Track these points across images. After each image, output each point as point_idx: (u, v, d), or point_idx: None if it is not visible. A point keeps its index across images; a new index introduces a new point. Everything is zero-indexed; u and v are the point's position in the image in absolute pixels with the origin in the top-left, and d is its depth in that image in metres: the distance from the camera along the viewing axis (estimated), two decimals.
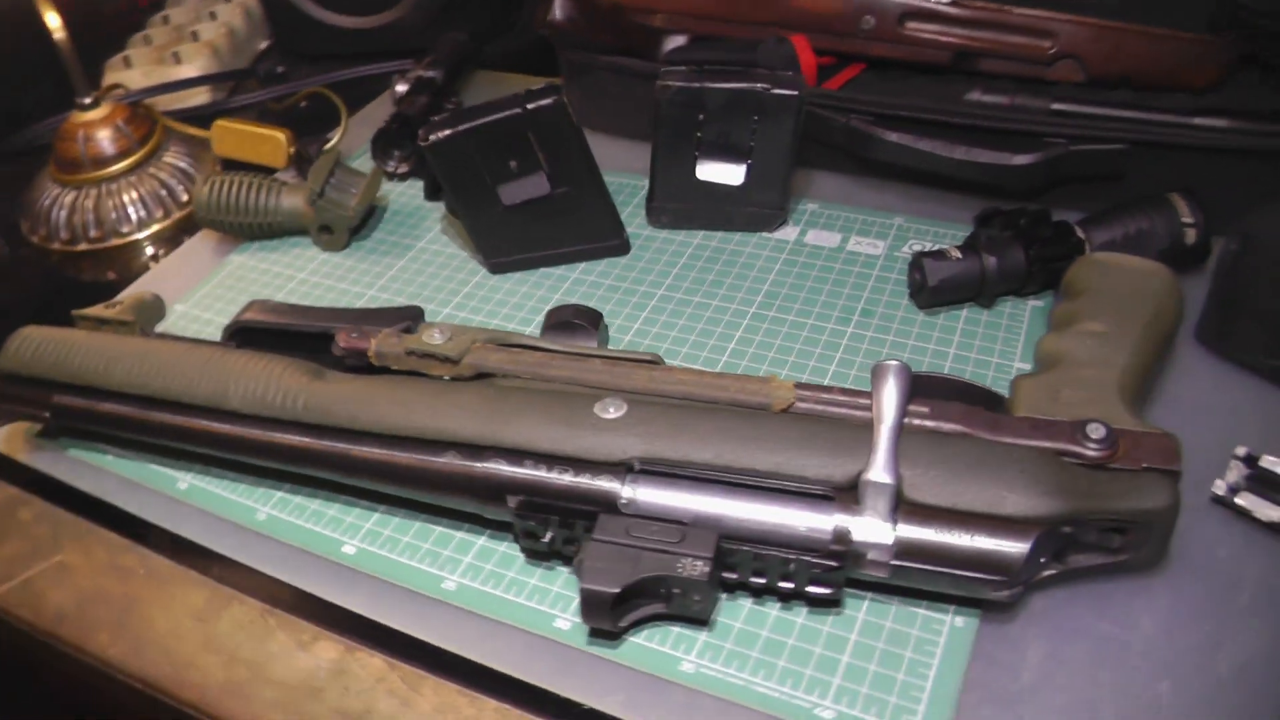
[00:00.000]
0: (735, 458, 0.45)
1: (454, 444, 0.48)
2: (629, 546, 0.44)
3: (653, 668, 0.44)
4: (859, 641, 0.44)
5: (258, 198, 0.69)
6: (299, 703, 0.46)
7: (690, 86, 0.62)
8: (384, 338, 0.53)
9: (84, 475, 0.57)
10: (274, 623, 0.50)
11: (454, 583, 0.49)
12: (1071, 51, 0.69)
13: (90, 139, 0.73)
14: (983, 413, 0.47)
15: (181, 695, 0.47)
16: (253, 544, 0.52)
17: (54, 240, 0.75)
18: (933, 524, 0.43)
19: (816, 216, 0.69)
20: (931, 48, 0.72)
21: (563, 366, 0.51)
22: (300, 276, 0.69)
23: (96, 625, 0.51)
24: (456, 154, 0.62)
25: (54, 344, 0.56)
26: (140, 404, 0.54)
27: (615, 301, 0.64)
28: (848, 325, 0.60)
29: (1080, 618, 0.45)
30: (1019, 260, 0.58)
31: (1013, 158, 0.62)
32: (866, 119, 0.67)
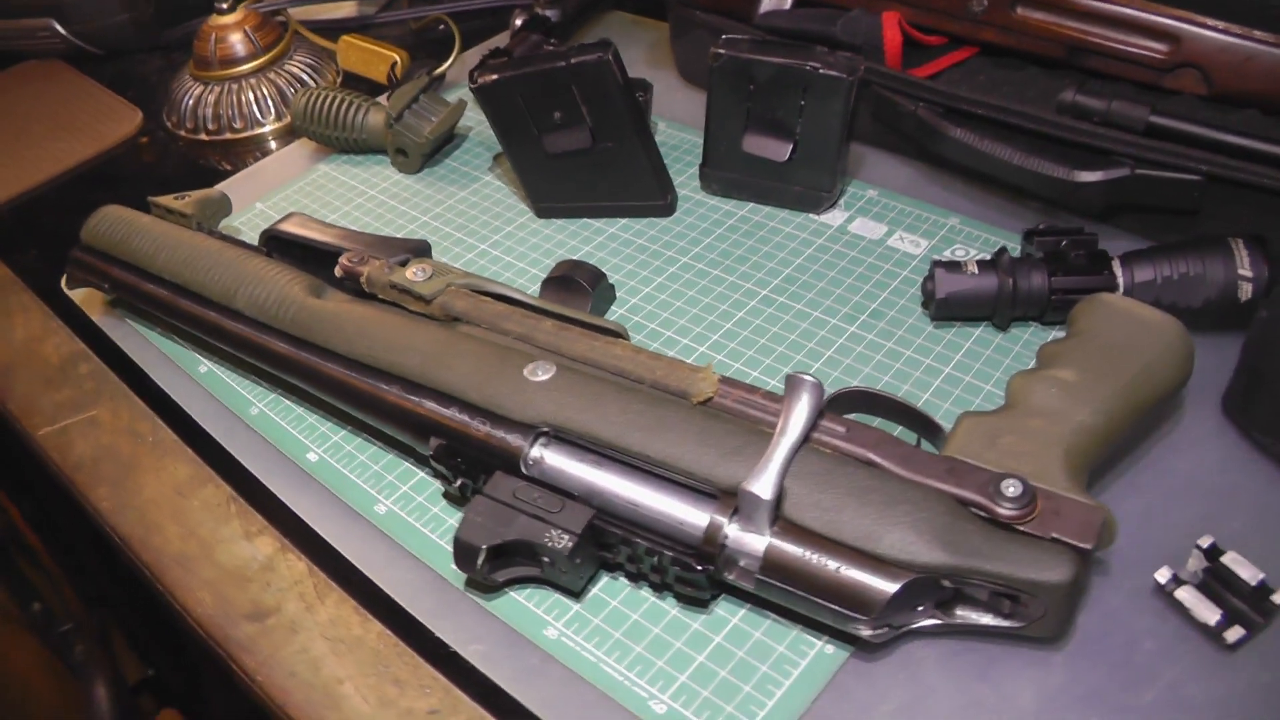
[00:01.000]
0: (634, 441, 0.45)
1: (400, 378, 0.51)
2: (510, 507, 0.45)
3: (520, 626, 0.46)
4: (721, 645, 0.44)
5: (346, 113, 0.73)
6: (226, 587, 0.51)
7: (739, 57, 0.60)
8: (377, 267, 0.56)
9: (134, 344, 0.64)
10: (234, 509, 0.54)
11: (385, 507, 0.52)
12: (1195, 60, 0.62)
13: (220, 41, 0.80)
14: (899, 444, 0.45)
15: (141, 556, 0.53)
16: (240, 434, 0.57)
17: (182, 127, 0.83)
18: (804, 546, 0.42)
19: (871, 204, 0.66)
20: (1043, 38, 0.66)
21: (519, 322, 0.52)
22: (371, 194, 0.73)
23: (101, 479, 0.57)
24: (503, 99, 0.63)
25: (124, 224, 0.63)
26: (172, 289, 0.60)
27: (639, 262, 0.64)
28: (852, 324, 0.57)
29: (957, 675, 0.42)
30: (1040, 286, 0.53)
31: (1073, 173, 0.57)
32: (936, 110, 0.63)
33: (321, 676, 0.46)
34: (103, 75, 0.92)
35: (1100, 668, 0.42)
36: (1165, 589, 0.44)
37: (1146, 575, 0.44)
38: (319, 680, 0.46)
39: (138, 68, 0.94)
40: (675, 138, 0.74)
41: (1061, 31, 0.65)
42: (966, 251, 0.61)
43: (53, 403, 0.62)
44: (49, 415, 0.62)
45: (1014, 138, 0.60)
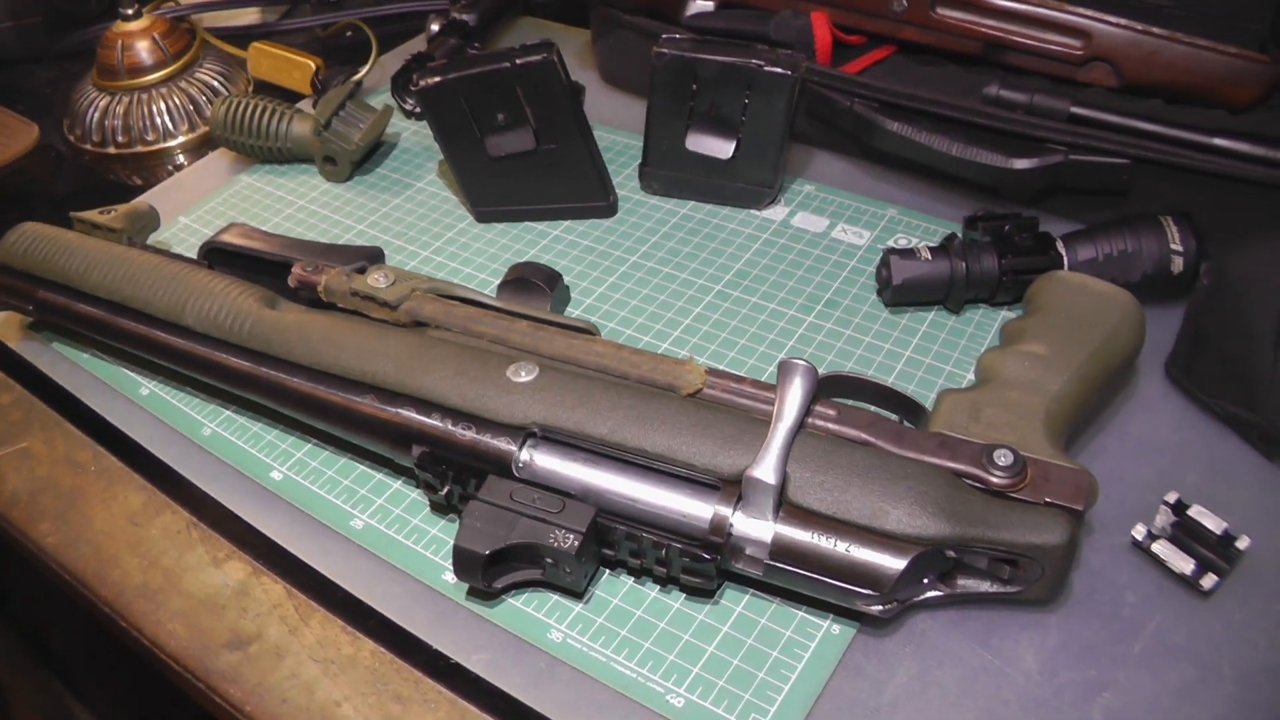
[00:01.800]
0: (628, 436, 0.45)
1: (374, 387, 0.50)
2: (508, 510, 0.45)
3: (522, 631, 0.45)
4: (729, 634, 0.44)
5: (269, 122, 0.71)
6: (200, 616, 0.48)
7: (684, 56, 0.61)
8: (334, 275, 0.54)
9: (62, 369, 0.60)
10: (196, 535, 0.52)
11: (362, 522, 0.50)
12: (1106, 55, 0.66)
13: (127, 48, 0.76)
14: (891, 423, 0.46)
15: (100, 592, 0.50)
16: (194, 456, 0.55)
17: (87, 141, 0.79)
18: (811, 529, 0.43)
19: (810, 199, 0.67)
20: (962, 36, 0.69)
21: (491, 324, 0.51)
22: (300, 204, 0.71)
23: (42, 514, 0.54)
24: (446, 101, 0.62)
25: (47, 241, 0.59)
26: (109, 308, 0.56)
27: (588, 263, 0.64)
28: (809, 314, 0.59)
29: (961, 643, 0.44)
30: (991, 268, 0.56)
31: (1010, 161, 0.60)
32: (871, 105, 0.65)
33: (317, 700, 0.45)
34: None
35: (1091, 624, 0.44)
36: (1141, 544, 0.46)
37: (1121, 533, 0.47)
38: (314, 704, 0.44)
39: (24, 79, 0.89)
40: (605, 139, 0.74)
41: (979, 30, 0.68)
42: (910, 240, 0.63)
43: None
44: None
45: (949, 129, 0.62)
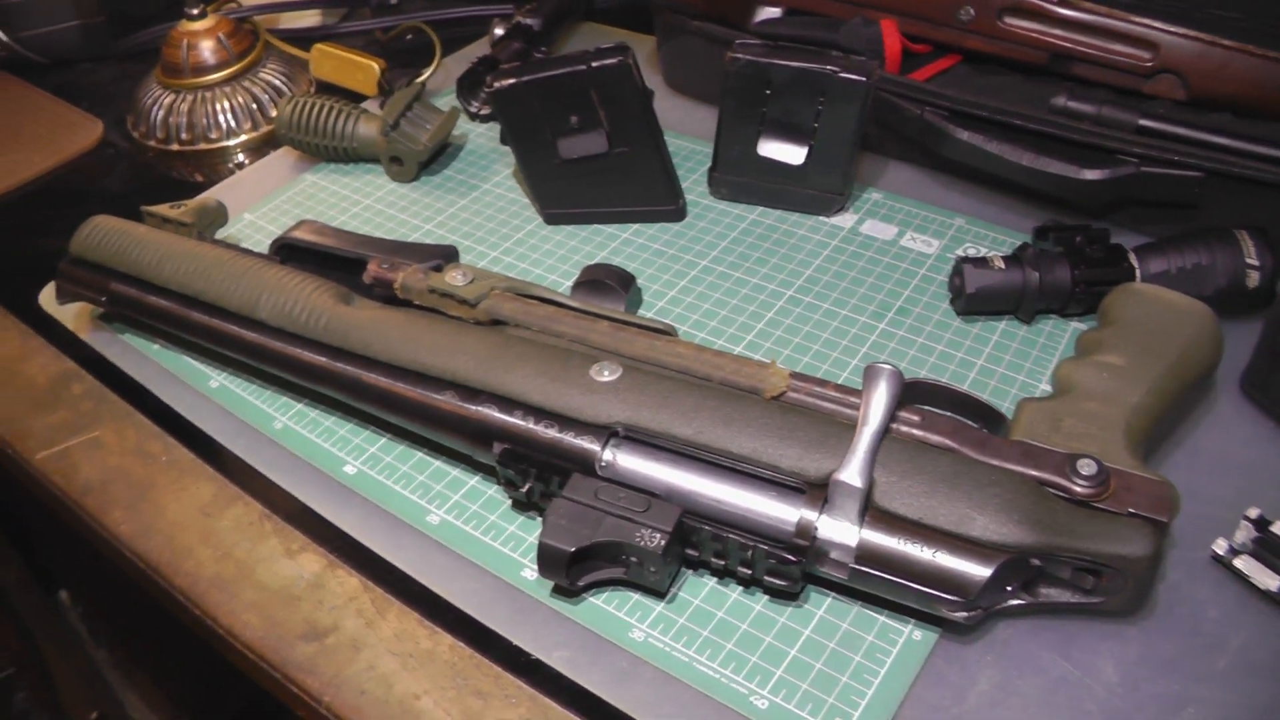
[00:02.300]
0: (714, 437, 0.45)
1: (453, 384, 0.50)
2: (594, 509, 0.45)
3: (603, 630, 0.45)
4: (811, 637, 0.44)
5: (335, 122, 0.71)
6: (275, 608, 0.48)
7: (758, 61, 0.61)
8: (411, 273, 0.55)
9: (131, 360, 0.61)
10: (269, 527, 0.52)
11: (438, 517, 0.50)
12: (1174, 67, 0.66)
13: (193, 48, 0.77)
14: (973, 430, 0.46)
15: (174, 581, 0.50)
16: (265, 449, 0.55)
17: (151, 138, 0.80)
18: (898, 534, 0.42)
19: (878, 206, 0.67)
20: (1028, 46, 0.69)
21: (571, 324, 0.51)
22: (366, 203, 0.71)
23: (114, 502, 0.54)
24: (520, 103, 0.63)
25: (119, 235, 0.60)
26: (182, 302, 0.57)
27: (658, 266, 0.64)
28: (880, 321, 0.59)
29: (1041, 652, 0.44)
30: (1064, 279, 0.56)
31: (1081, 171, 0.60)
32: (941, 113, 0.65)
33: (395, 693, 0.45)
34: (45, 85, 0.88)
35: (1172, 638, 0.44)
36: (1223, 559, 0.46)
37: (1199, 548, 0.47)
38: (393, 697, 0.45)
39: (86, 77, 0.90)
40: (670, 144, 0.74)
41: (1046, 40, 0.68)
42: (979, 249, 0.63)
43: (46, 425, 0.59)
44: (44, 439, 0.58)
45: (1019, 139, 0.63)
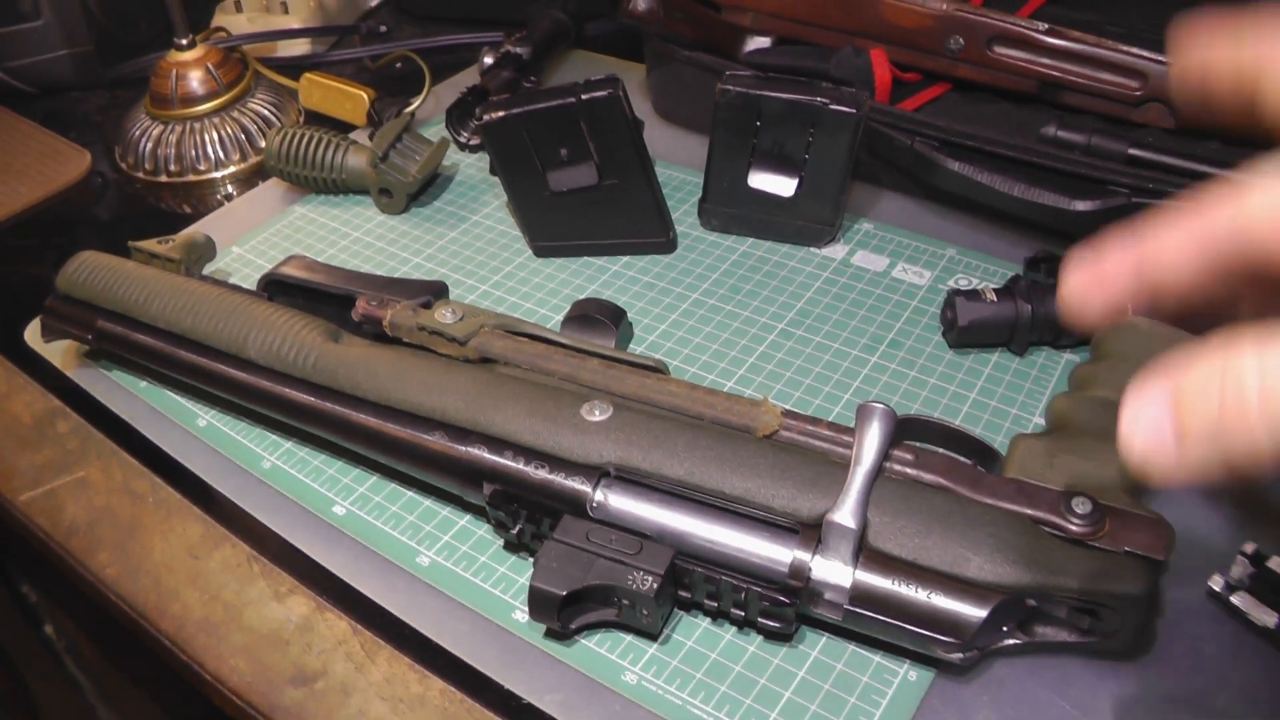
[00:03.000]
0: (706, 477, 0.45)
1: (443, 424, 0.49)
2: (585, 551, 0.44)
3: (596, 673, 0.45)
4: (806, 679, 0.44)
5: (324, 153, 0.71)
6: (263, 652, 0.48)
7: (748, 93, 0.61)
8: (400, 310, 0.54)
9: (118, 398, 0.60)
10: (258, 569, 0.52)
11: (428, 559, 0.50)
12: (1162, 95, 0.66)
13: (181, 78, 0.77)
14: (968, 468, 0.45)
15: (160, 625, 0.50)
16: (253, 489, 0.54)
17: (139, 169, 0.79)
18: (892, 575, 0.42)
19: (869, 237, 0.67)
20: (1017, 75, 0.69)
21: (562, 362, 0.51)
22: (355, 235, 0.71)
23: (101, 544, 0.53)
24: (509, 135, 0.62)
25: (106, 271, 0.59)
26: (169, 340, 0.56)
27: (649, 300, 0.64)
28: (872, 354, 0.59)
29: (1039, 692, 0.43)
30: (1056, 311, 0.56)
31: (1072, 203, 0.60)
32: (931, 143, 0.65)
33: None
34: (33, 115, 0.87)
35: (1170, 676, 0.44)
36: (1219, 595, 0.46)
37: (1196, 584, 0.46)
38: None
39: (75, 107, 0.89)
40: (660, 175, 0.74)
41: (1035, 69, 0.68)
42: (970, 280, 0.63)
43: (32, 465, 0.58)
44: (30, 478, 0.57)
45: (1009, 169, 0.62)
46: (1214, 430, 0.24)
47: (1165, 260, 0.27)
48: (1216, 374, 0.24)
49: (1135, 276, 0.28)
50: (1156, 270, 0.28)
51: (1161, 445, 0.26)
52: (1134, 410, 0.26)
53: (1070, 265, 0.30)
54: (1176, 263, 0.27)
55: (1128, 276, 0.28)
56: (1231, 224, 0.26)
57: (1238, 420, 0.24)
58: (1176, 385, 0.25)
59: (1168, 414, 0.25)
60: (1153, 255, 0.28)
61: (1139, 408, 0.26)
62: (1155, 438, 0.26)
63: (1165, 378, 0.26)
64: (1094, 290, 0.29)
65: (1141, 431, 0.26)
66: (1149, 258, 0.28)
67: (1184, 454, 0.25)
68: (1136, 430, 0.26)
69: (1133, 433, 0.26)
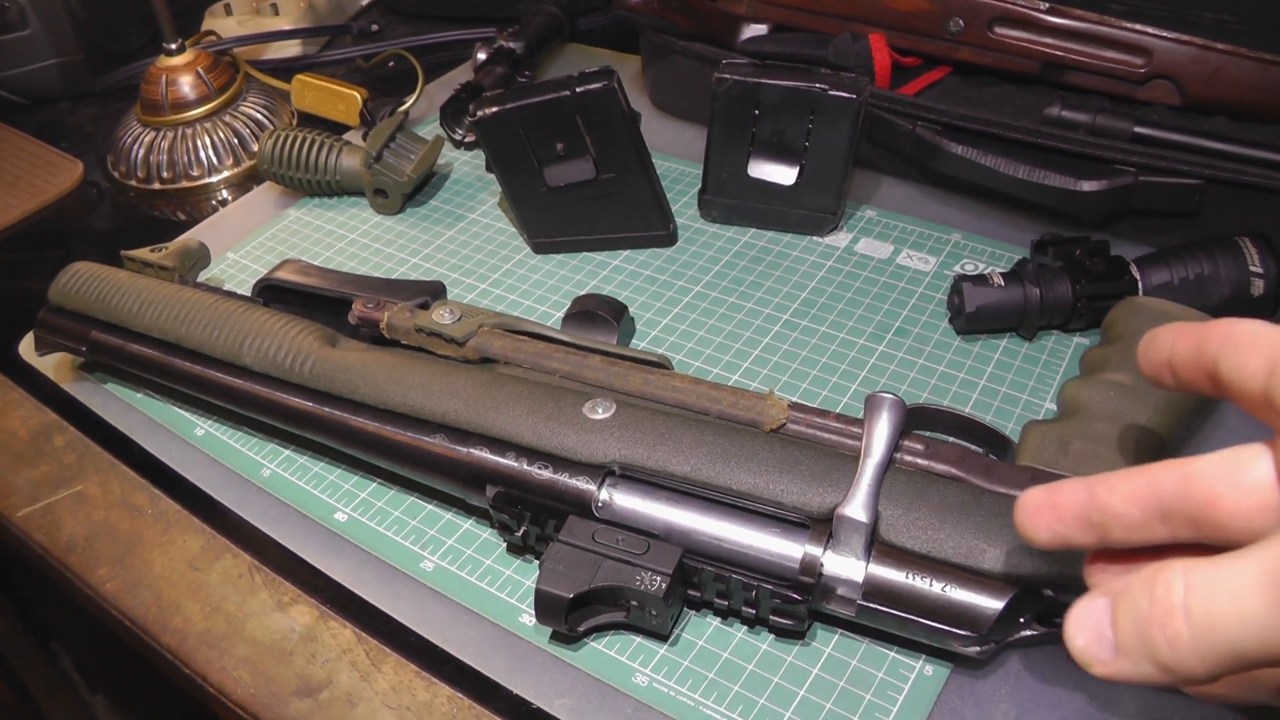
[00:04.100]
0: (713, 474, 0.44)
1: (444, 426, 0.48)
2: (592, 552, 0.43)
3: (606, 675, 0.44)
4: (820, 676, 0.43)
5: (318, 155, 0.70)
6: (266, 663, 0.47)
7: (746, 81, 0.60)
8: (397, 311, 0.53)
9: (115, 410, 0.60)
10: (259, 579, 0.51)
11: (432, 564, 0.49)
12: (1167, 72, 0.64)
13: (171, 84, 0.76)
14: (980, 457, 0.44)
15: (162, 639, 0.49)
16: (253, 498, 0.54)
17: (132, 177, 0.78)
18: (905, 568, 0.41)
19: (873, 224, 0.66)
20: (1019, 56, 0.68)
21: (563, 360, 0.50)
22: (351, 237, 0.70)
23: (100, 559, 0.53)
24: (504, 131, 0.61)
25: (99, 281, 0.58)
26: (164, 349, 0.56)
27: (650, 293, 0.63)
28: (879, 343, 0.57)
29: (1057, 685, 0.42)
30: (1065, 294, 0.54)
31: (1078, 183, 0.59)
32: (933, 128, 0.64)
33: None
34: (25, 126, 0.86)
35: None
36: None
37: None
38: None
39: (66, 117, 0.88)
40: (659, 167, 0.73)
41: (1037, 49, 0.67)
42: (976, 265, 0.62)
43: (29, 480, 0.57)
44: (27, 495, 0.57)
45: (1013, 151, 0.61)
46: (1143, 633, 0.28)
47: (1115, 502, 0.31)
48: (1148, 585, 0.28)
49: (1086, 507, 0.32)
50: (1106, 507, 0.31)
51: (1099, 641, 0.29)
52: (1080, 610, 0.30)
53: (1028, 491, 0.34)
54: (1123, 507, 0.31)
55: (1078, 509, 0.32)
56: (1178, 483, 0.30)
57: (1163, 625, 0.27)
58: (1116, 591, 0.29)
59: (1106, 615, 0.29)
60: (1104, 495, 0.31)
61: (1084, 607, 0.30)
62: (1094, 635, 0.29)
63: (1109, 587, 0.30)
64: (1045, 514, 0.33)
65: (1084, 630, 0.30)
66: (1100, 497, 0.32)
67: (1118, 651, 0.29)
68: (1080, 629, 0.30)
69: (1076, 631, 0.30)
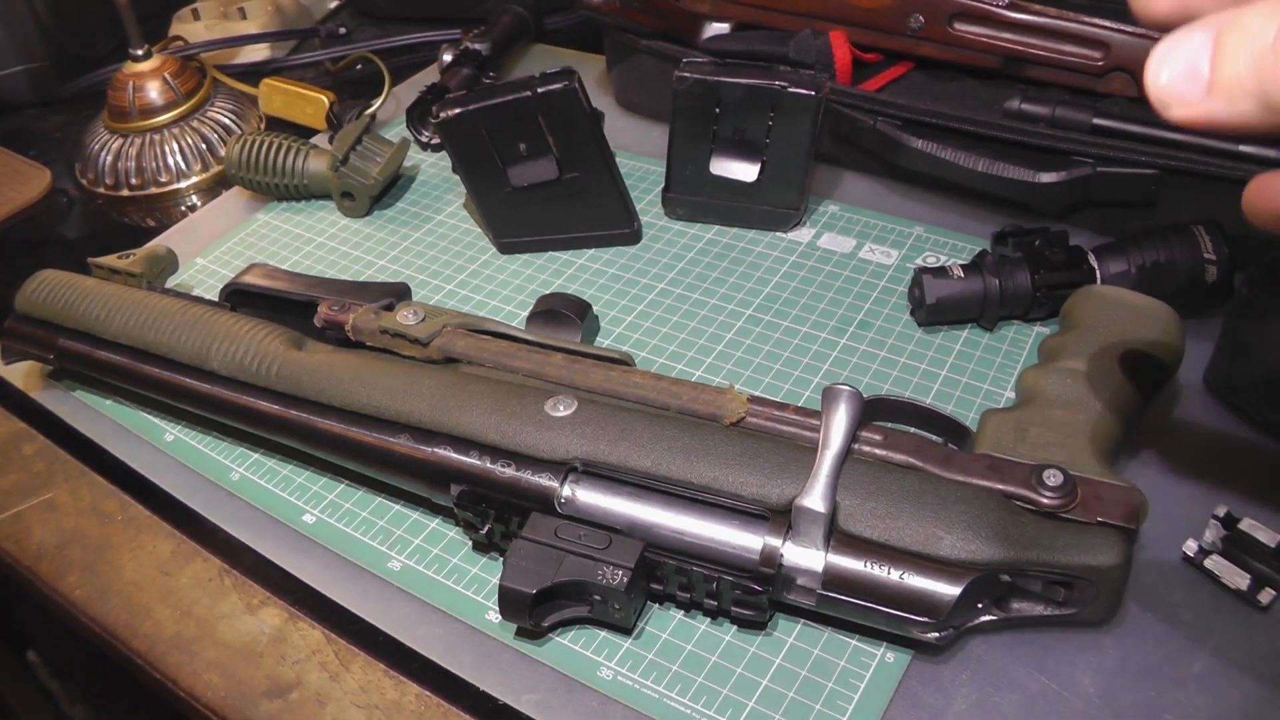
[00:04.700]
0: (673, 468, 0.44)
1: (409, 426, 0.49)
2: (554, 548, 0.44)
3: (572, 670, 0.44)
4: (783, 666, 0.44)
5: (285, 159, 0.70)
6: (236, 666, 0.47)
7: (706, 80, 0.60)
8: (362, 314, 0.54)
9: (84, 417, 0.60)
10: (229, 583, 0.51)
11: (399, 563, 0.49)
12: (1125, 65, 0.65)
13: (139, 90, 0.76)
14: (937, 446, 0.45)
15: (132, 644, 0.49)
16: (223, 502, 0.54)
17: (100, 184, 0.78)
18: (864, 557, 0.42)
19: (835, 219, 0.67)
20: (980, 51, 0.69)
21: (526, 359, 0.51)
22: (319, 240, 0.70)
23: (70, 566, 0.53)
24: (467, 132, 0.62)
25: (66, 289, 0.58)
26: (132, 355, 0.56)
27: (615, 291, 0.63)
28: (842, 337, 0.58)
29: (1017, 667, 0.43)
30: (1024, 284, 0.55)
31: (1037, 175, 0.59)
32: (894, 123, 0.64)
33: None
34: None
35: (1147, 643, 0.43)
36: (1193, 560, 0.45)
37: (1171, 549, 0.46)
38: None
39: (33, 124, 0.88)
40: (625, 165, 0.74)
41: (998, 44, 0.68)
42: (938, 258, 0.62)
43: None
44: None
45: (973, 145, 0.62)
46: (1259, 64, 0.23)
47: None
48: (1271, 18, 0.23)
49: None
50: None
51: (1190, 79, 0.24)
52: (1168, 46, 0.25)
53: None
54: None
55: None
56: None
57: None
58: (1220, 22, 0.24)
59: (1207, 48, 0.24)
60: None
61: (1174, 43, 0.25)
62: (1186, 71, 0.24)
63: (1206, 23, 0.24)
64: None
65: (1171, 65, 0.25)
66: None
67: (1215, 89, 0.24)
68: (1165, 64, 0.25)
69: (1160, 67, 0.25)
